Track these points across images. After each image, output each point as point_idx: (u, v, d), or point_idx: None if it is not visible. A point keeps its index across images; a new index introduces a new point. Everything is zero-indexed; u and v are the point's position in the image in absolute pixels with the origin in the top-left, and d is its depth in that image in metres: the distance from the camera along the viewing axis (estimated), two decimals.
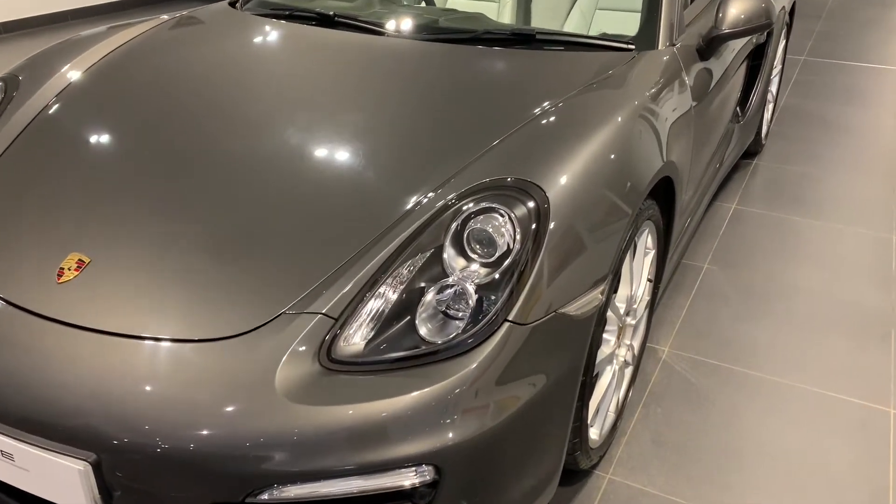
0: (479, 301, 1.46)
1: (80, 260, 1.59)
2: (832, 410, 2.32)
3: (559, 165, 1.67)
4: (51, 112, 2.11)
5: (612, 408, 2.08)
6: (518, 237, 1.50)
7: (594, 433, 1.95)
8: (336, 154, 1.83)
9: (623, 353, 2.09)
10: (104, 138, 2.01)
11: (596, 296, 1.62)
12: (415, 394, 1.37)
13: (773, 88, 4.11)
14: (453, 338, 1.43)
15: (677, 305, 2.78)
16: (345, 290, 1.47)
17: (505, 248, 1.50)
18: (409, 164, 1.77)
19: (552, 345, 1.53)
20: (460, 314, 1.47)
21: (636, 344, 2.20)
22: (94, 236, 1.66)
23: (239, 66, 2.29)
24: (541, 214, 1.54)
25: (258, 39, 2.47)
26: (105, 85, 2.24)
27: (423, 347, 1.43)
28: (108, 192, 1.79)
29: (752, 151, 3.98)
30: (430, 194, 1.63)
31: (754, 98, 3.46)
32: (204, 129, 1.97)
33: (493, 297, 1.46)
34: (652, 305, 2.29)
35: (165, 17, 2.69)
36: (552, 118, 1.85)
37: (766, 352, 2.55)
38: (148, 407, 1.37)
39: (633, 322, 2.10)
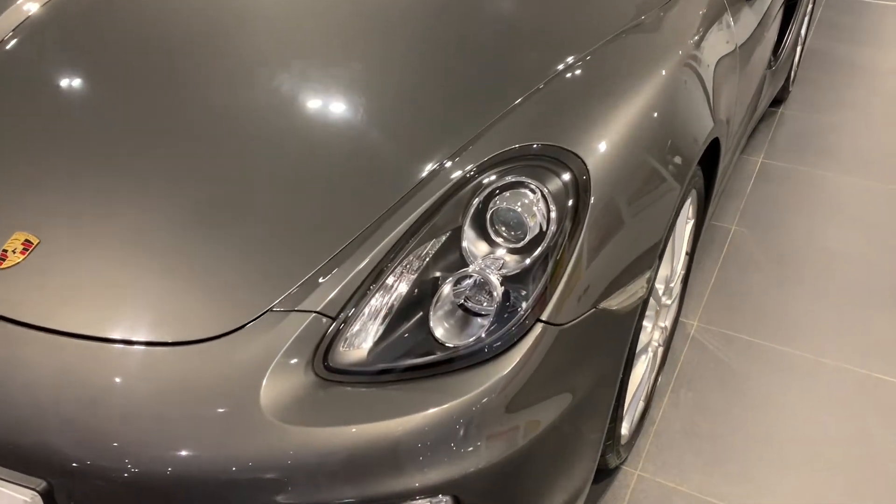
0: (506, 295, 1.21)
1: (26, 241, 1.33)
2: (876, 393, 2.10)
3: (595, 129, 1.40)
4: (5, 50, 1.82)
5: (643, 396, 1.86)
6: (553, 217, 1.25)
7: (624, 428, 1.73)
8: (332, 113, 1.56)
9: (657, 337, 1.86)
10: (63, 88, 1.72)
11: (641, 285, 1.38)
12: (430, 411, 1.13)
13: (802, 30, 3.80)
14: (475, 341, 1.18)
15: (706, 272, 2.54)
16: (344, 283, 1.22)
17: (537, 230, 1.25)
18: (418, 127, 1.50)
19: (591, 346, 1.30)
20: (483, 311, 1.22)
21: (669, 324, 1.97)
22: (44, 211, 1.39)
23: (221, 5, 1.98)
24: (579, 188, 1.28)
25: None
26: (67, 23, 1.92)
27: (440, 353, 1.18)
28: (63, 154, 1.51)
29: (778, 99, 3.69)
30: (446, 164, 1.37)
31: (788, 41, 3.16)
32: (180, 80, 1.68)
33: (522, 292, 1.21)
34: (687, 279, 2.05)
35: None
36: (580, 72, 1.57)
37: (802, 326, 2.33)
38: (109, 424, 1.14)
39: (670, 302, 1.86)
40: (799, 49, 3.84)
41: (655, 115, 1.50)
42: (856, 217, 2.90)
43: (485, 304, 1.24)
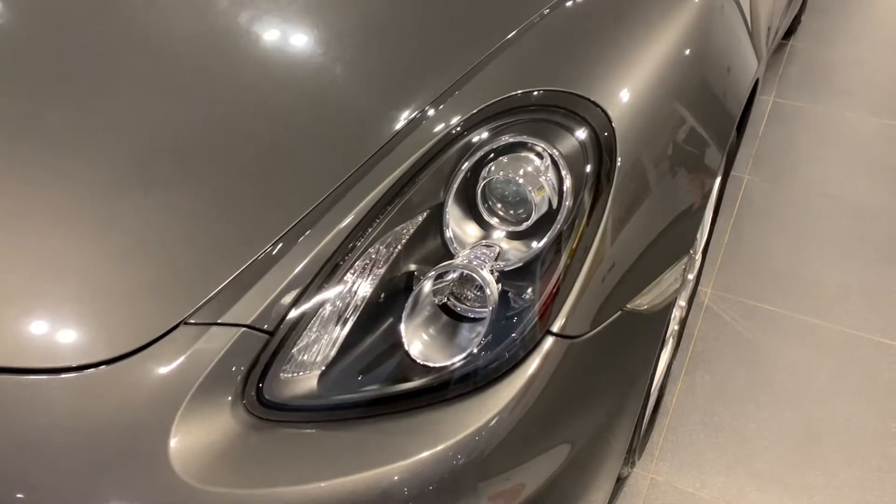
0: (505, 298, 0.90)
1: None
2: None
3: (616, 71, 1.07)
4: None
5: (656, 386, 1.58)
6: (567, 188, 0.93)
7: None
8: (273, 46, 1.20)
9: (676, 316, 1.57)
10: None
11: (678, 274, 1.07)
12: (405, 462, 0.82)
13: None
14: (464, 361, 0.87)
15: (718, 232, 2.24)
16: (285, 284, 0.89)
17: (545, 208, 0.93)
18: (385, 68, 1.15)
19: (615, 360, 0.99)
20: (474, 314, 0.92)
21: (685, 303, 1.68)
22: None
23: None
24: (601, 148, 0.96)
25: None
26: None
27: (416, 379, 0.87)
28: None
29: (789, 29, 3.34)
30: (422, 117, 1.03)
31: None
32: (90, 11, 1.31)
33: (527, 293, 0.90)
34: (707, 246, 1.75)
35: None
36: None
37: (830, 293, 2.05)
38: None
39: (692, 277, 1.57)
40: None
41: (688, 52, 1.18)
42: (877, 161, 2.60)
43: (477, 306, 0.93)
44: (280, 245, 0.92)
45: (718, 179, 1.57)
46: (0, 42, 1.24)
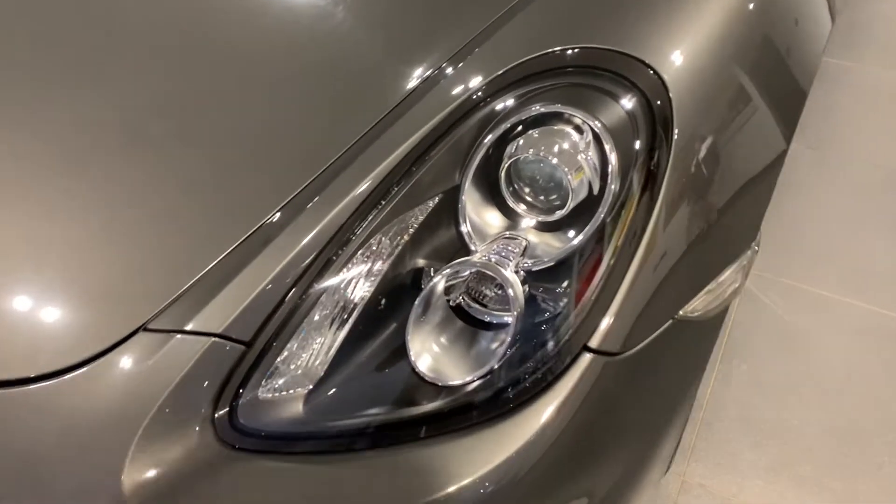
0: (532, 303, 0.75)
1: None
2: None
3: (668, 26, 0.89)
4: None
5: None
6: (613, 169, 0.76)
7: None
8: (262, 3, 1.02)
9: None
10: None
11: (737, 272, 0.90)
12: None
13: None
14: (484, 381, 0.72)
15: None
16: (266, 282, 0.73)
17: (584, 193, 0.76)
18: (391, 19, 0.97)
19: (662, 377, 0.84)
20: (495, 319, 0.76)
21: None
22: None
23: None
24: (655, 120, 0.79)
25: None
26: None
27: (426, 403, 0.72)
28: None
29: None
30: (436, 79, 0.85)
31: None
32: None
33: (561, 297, 0.74)
34: None
35: None
36: None
37: (878, 273, 1.87)
38: None
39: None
40: None
41: (752, 6, 0.99)
42: None
43: (498, 308, 0.77)
44: (261, 235, 0.75)
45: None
46: None
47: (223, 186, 0.79)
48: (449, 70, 0.86)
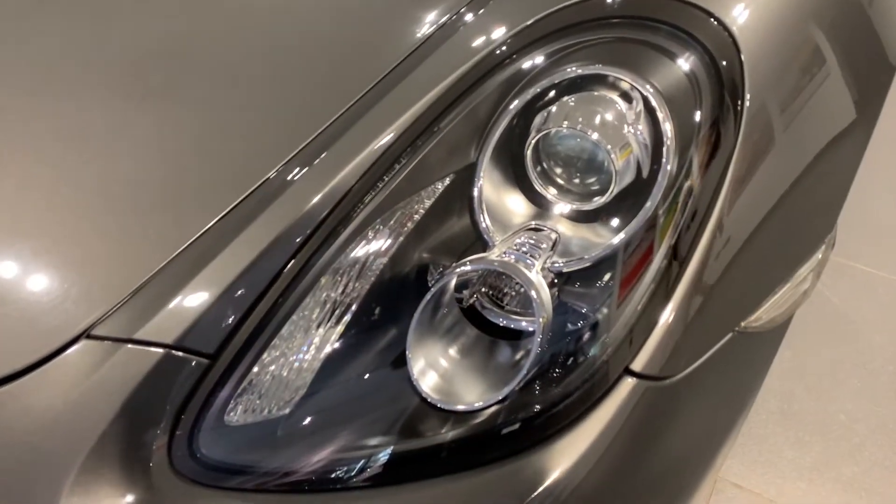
0: (563, 311, 0.60)
1: None
2: None
3: None
4: None
5: None
6: (669, 146, 0.61)
7: None
8: None
9: None
10: None
11: (810, 269, 0.75)
12: None
13: None
14: (501, 406, 0.58)
15: None
16: (234, 279, 0.60)
17: (631, 177, 0.61)
18: None
19: (717, 399, 0.70)
20: (515, 325, 0.62)
21: None
22: None
23: None
24: (723, 84, 0.64)
25: None
26: None
27: (430, 433, 0.59)
28: None
29: None
30: (450, 17, 0.70)
31: None
32: None
33: (597, 306, 0.60)
34: None
35: None
36: None
37: None
38: None
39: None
40: None
41: None
42: None
43: (520, 311, 0.63)
44: (231, 221, 0.61)
45: None
46: None
47: (193, 160, 0.65)
48: (468, 16, 0.71)
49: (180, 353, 0.58)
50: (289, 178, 0.63)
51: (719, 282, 0.62)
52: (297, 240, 0.61)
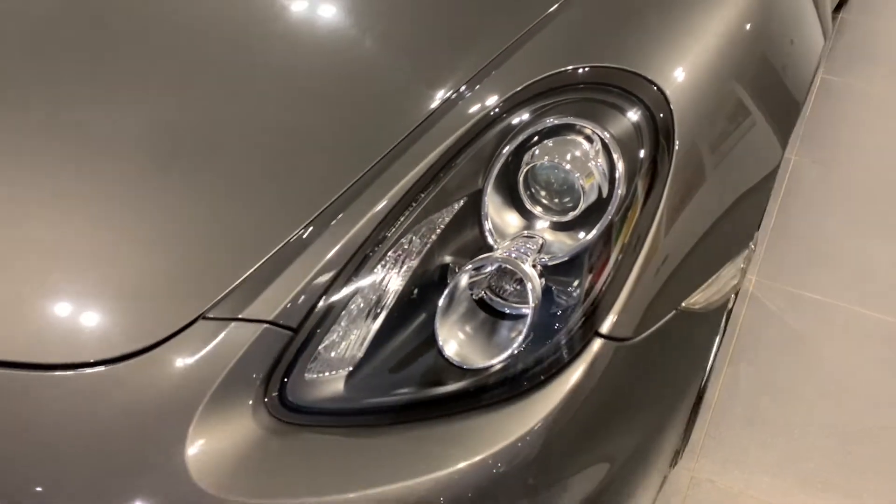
0: (548, 294, 0.83)
1: None
2: None
3: (670, 46, 0.98)
4: None
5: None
6: (620, 175, 0.85)
7: None
8: (302, 21, 1.12)
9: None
10: None
11: (737, 269, 0.98)
12: (440, 474, 0.76)
13: None
14: (505, 363, 0.80)
15: (765, 215, 2.14)
16: (310, 277, 0.83)
17: (595, 196, 0.85)
18: (417, 40, 1.07)
19: (667, 363, 0.92)
20: (514, 311, 0.84)
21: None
22: None
23: None
24: (658, 131, 0.88)
25: None
26: None
27: (452, 383, 0.81)
28: None
29: (838, 2, 3.19)
30: (458, 97, 0.95)
31: None
32: None
33: (574, 289, 0.83)
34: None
35: None
36: None
37: (884, 282, 1.94)
38: None
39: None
40: None
41: (749, 26, 1.08)
42: None
43: (517, 301, 0.85)
44: (306, 234, 0.85)
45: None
46: (25, 23, 1.18)
47: (274, 190, 0.89)
48: (467, 91, 0.95)
49: (273, 328, 0.80)
50: (346, 202, 0.86)
51: (662, 272, 0.85)
52: (353, 249, 0.84)
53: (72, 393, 0.79)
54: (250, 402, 0.79)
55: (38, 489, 0.76)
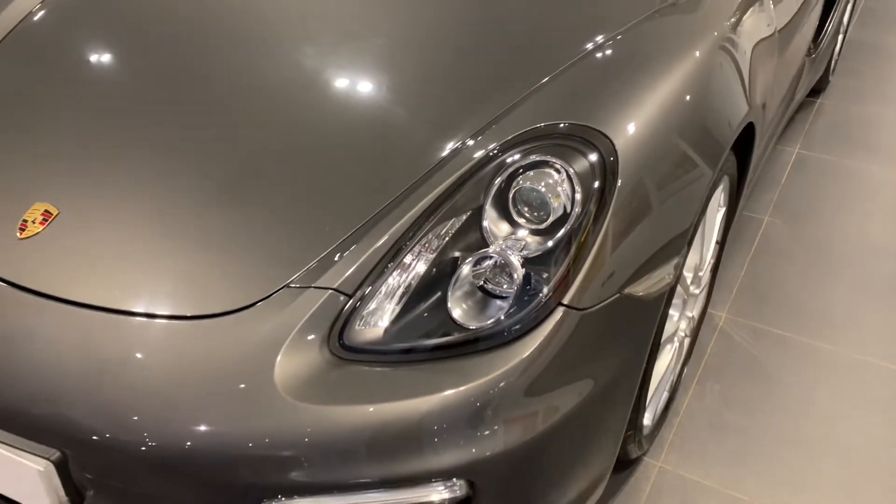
0: (527, 278, 1.18)
1: (46, 211, 1.32)
2: None
3: (625, 109, 1.36)
4: (32, 22, 1.81)
5: (667, 386, 1.82)
6: (578, 198, 1.21)
7: (647, 418, 1.69)
8: (353, 89, 1.53)
9: (684, 327, 1.82)
10: (86, 60, 1.71)
11: (668, 271, 1.33)
12: (446, 393, 1.10)
13: (845, 18, 3.69)
14: (494, 324, 1.15)
15: (736, 264, 2.48)
16: (361, 260, 1.20)
17: (560, 211, 1.21)
18: (440, 104, 1.46)
19: (614, 333, 1.26)
20: (503, 293, 1.20)
21: (696, 314, 1.92)
22: (63, 182, 1.39)
23: None
24: (606, 170, 1.24)
25: None
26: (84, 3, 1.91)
27: (457, 335, 1.16)
28: (83, 127, 1.50)
29: (817, 88, 3.58)
30: (468, 143, 1.34)
31: (829, 28, 3.06)
32: (202, 54, 1.67)
33: (544, 274, 1.18)
34: (716, 269, 2.00)
35: None
36: (610, 52, 1.52)
37: (837, 321, 2.26)
38: (120, 397, 1.13)
39: (698, 291, 1.82)
40: (840, 38, 3.74)
41: (688, 98, 1.45)
42: None
43: (505, 286, 1.21)
44: (358, 232, 1.22)
45: (724, 210, 1.84)
46: (137, 79, 1.60)
47: (337, 202, 1.27)
48: (470, 142, 1.34)
49: (336, 293, 1.17)
50: (388, 211, 1.24)
51: (608, 265, 1.20)
52: (392, 243, 1.21)
53: (199, 334, 1.16)
54: (318, 344, 1.14)
55: (175, 398, 1.11)
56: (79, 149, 1.44)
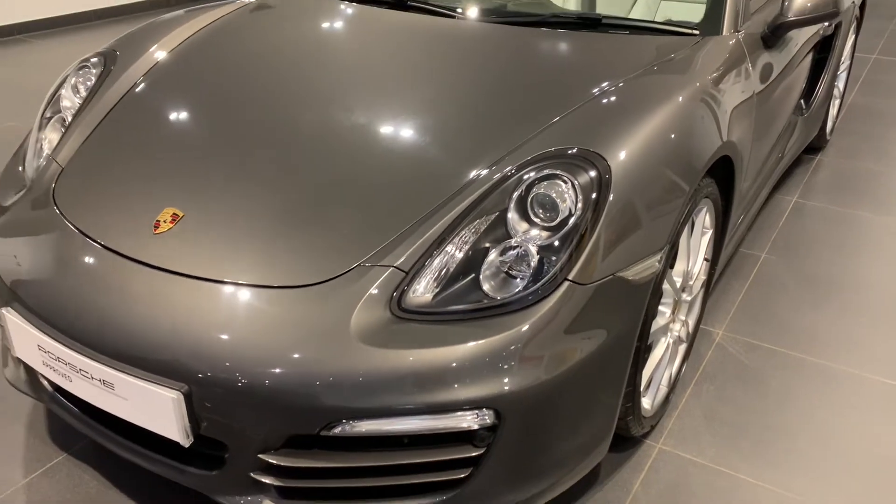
0: (541, 262, 1.55)
1: (174, 214, 1.74)
2: (891, 399, 2.33)
3: (621, 139, 1.75)
4: (139, 90, 2.26)
5: (665, 381, 2.14)
6: (580, 204, 1.59)
7: (646, 402, 2.01)
8: (403, 127, 1.95)
9: (677, 329, 2.15)
10: (190, 112, 2.16)
11: (653, 263, 1.70)
12: (476, 342, 1.47)
13: (841, 84, 4.08)
14: (514, 294, 1.52)
15: (733, 291, 2.82)
16: (415, 247, 1.59)
17: (566, 212, 1.59)
18: (472, 138, 1.88)
19: (609, 306, 1.62)
20: (521, 274, 1.56)
21: (691, 322, 2.26)
22: (186, 194, 1.81)
23: (313, 47, 2.44)
24: (602, 184, 1.62)
25: (332, 22, 2.60)
26: (188, 65, 2.37)
27: (486, 301, 1.53)
28: (196, 157, 1.94)
29: (815, 146, 3.96)
30: (494, 165, 1.74)
31: (820, 91, 3.45)
32: (280, 104, 2.11)
33: (553, 259, 1.55)
34: (708, 285, 2.34)
35: None
36: (613, 97, 1.93)
37: (825, 338, 2.57)
38: (230, 345, 1.51)
39: (689, 299, 2.16)
40: (838, 101, 4.12)
41: (672, 135, 1.84)
42: (889, 253, 3.13)
43: (523, 269, 1.58)
44: (413, 227, 1.62)
45: (711, 232, 2.20)
46: (244, 119, 2.04)
47: (394, 206, 1.67)
48: (494, 166, 1.73)
49: (397, 270, 1.55)
50: (434, 212, 1.63)
51: (602, 252, 1.57)
52: (437, 234, 1.60)
53: (300, 298, 1.54)
54: (382, 306, 1.52)
55: (275, 349, 1.49)
56: (197, 171, 1.88)
